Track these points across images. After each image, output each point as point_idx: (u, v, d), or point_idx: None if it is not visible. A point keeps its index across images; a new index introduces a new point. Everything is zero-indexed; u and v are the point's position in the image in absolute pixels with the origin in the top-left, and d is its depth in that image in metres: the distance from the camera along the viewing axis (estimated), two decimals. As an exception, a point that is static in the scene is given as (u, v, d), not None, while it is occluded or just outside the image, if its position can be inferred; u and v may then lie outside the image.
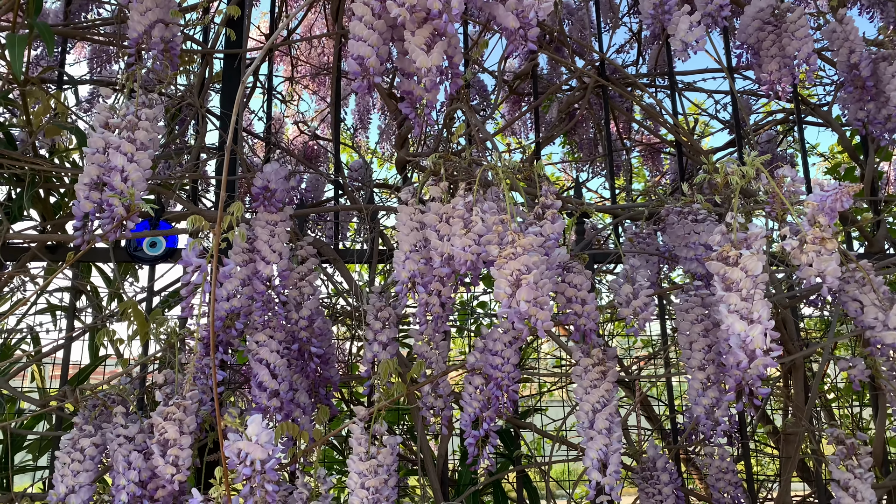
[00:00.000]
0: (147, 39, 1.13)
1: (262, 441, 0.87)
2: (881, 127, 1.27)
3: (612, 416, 0.97)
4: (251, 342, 1.11)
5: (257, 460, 0.87)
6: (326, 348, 1.20)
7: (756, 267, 0.83)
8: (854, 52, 1.26)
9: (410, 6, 0.87)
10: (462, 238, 0.84)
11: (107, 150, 1.00)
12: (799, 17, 1.22)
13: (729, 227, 0.88)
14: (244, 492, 0.88)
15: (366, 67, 0.92)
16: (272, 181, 1.18)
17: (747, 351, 0.82)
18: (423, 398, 1.12)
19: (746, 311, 0.82)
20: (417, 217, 0.94)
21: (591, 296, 1.00)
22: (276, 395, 1.08)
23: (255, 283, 1.13)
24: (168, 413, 1.00)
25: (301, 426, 1.11)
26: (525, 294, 0.77)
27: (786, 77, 1.23)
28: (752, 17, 1.26)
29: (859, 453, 1.05)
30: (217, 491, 0.90)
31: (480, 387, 1.01)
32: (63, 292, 1.50)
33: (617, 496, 0.96)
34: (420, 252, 0.94)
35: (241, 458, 0.88)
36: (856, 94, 1.29)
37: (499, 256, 0.80)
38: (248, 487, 0.88)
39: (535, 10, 0.87)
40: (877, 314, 0.90)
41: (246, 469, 0.87)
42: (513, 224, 0.85)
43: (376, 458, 0.96)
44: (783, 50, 1.23)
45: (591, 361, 0.98)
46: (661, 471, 1.23)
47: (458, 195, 0.89)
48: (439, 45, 0.90)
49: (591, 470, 0.96)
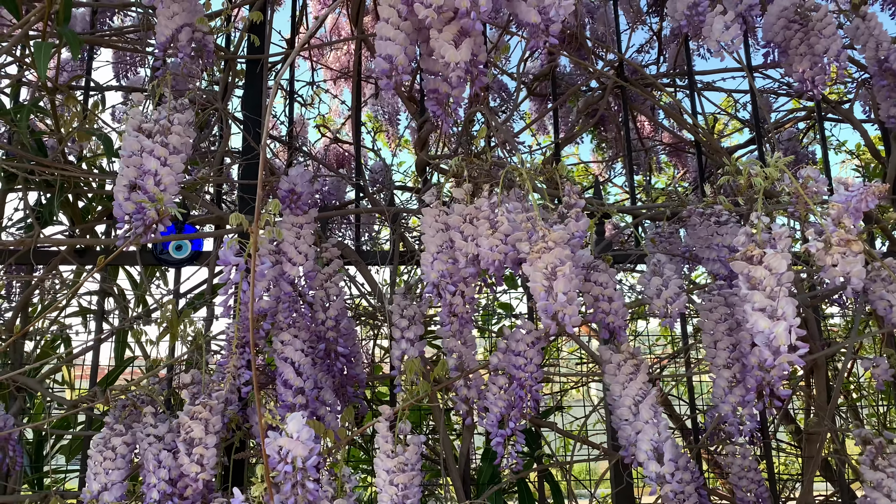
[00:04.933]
0: (175, 43, 1.15)
1: (303, 438, 0.88)
2: (908, 126, 1.26)
3: (656, 407, 0.97)
4: (277, 342, 1.13)
5: (298, 457, 0.88)
6: (352, 347, 1.21)
7: (781, 265, 0.83)
8: (882, 46, 1.25)
9: (437, 7, 0.89)
10: (489, 238, 0.86)
11: (141, 154, 1.02)
12: (825, 16, 1.22)
13: (754, 227, 0.88)
14: (286, 489, 0.88)
15: (394, 66, 0.93)
16: (298, 184, 1.20)
17: (772, 348, 0.82)
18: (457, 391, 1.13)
19: (771, 309, 0.83)
20: (442, 219, 0.95)
21: (618, 293, 1.01)
22: (302, 393, 1.09)
23: (282, 284, 1.15)
24: (194, 412, 1.02)
25: (327, 424, 1.12)
26: (563, 286, 0.78)
27: (818, 75, 1.22)
28: (777, 15, 1.26)
29: (888, 452, 1.05)
30: (258, 489, 0.90)
31: (504, 387, 1.02)
32: (92, 295, 1.52)
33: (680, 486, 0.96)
34: (446, 252, 0.95)
35: (281, 455, 0.88)
36: (887, 89, 1.28)
37: (531, 252, 0.81)
38: (289, 485, 0.88)
39: (556, 7, 0.88)
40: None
41: (287, 466, 0.88)
42: (540, 221, 0.85)
43: (403, 456, 0.97)
44: (812, 48, 1.22)
45: (623, 356, 0.98)
46: (683, 470, 1.23)
47: (483, 196, 0.90)
48: (467, 42, 0.91)
49: (647, 462, 0.96)
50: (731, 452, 1.29)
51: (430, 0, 0.88)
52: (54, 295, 1.42)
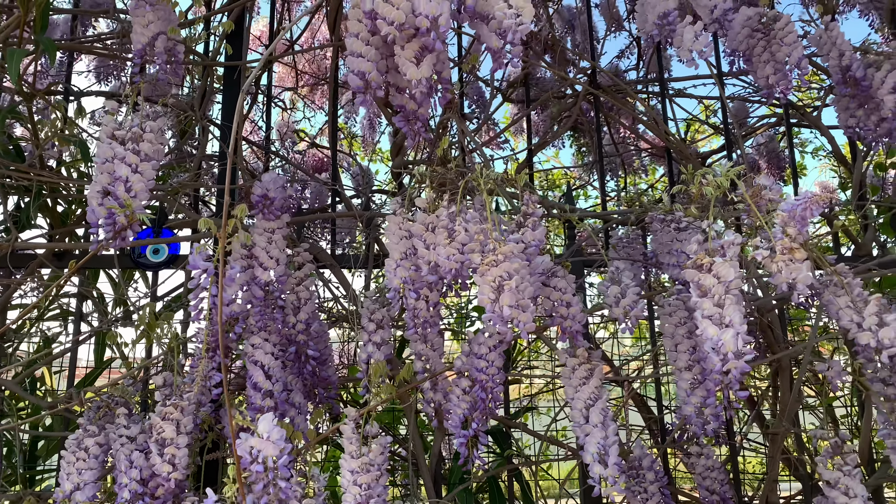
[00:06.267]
0: (150, 51, 1.18)
1: (274, 438, 0.91)
2: (872, 132, 1.29)
3: (606, 410, 1.00)
4: (247, 345, 1.15)
5: (269, 457, 0.90)
6: (323, 350, 1.24)
7: (728, 274, 0.86)
8: (844, 55, 1.28)
9: (399, 24, 0.91)
10: (446, 247, 0.88)
11: (114, 160, 1.05)
12: (786, 24, 1.25)
13: (705, 235, 0.91)
14: (258, 489, 0.91)
15: (367, 82, 0.96)
16: (270, 190, 1.22)
17: (720, 354, 0.85)
18: (424, 393, 1.16)
19: (719, 317, 0.85)
20: (406, 226, 0.97)
21: (576, 299, 1.03)
22: (270, 396, 1.12)
23: (253, 289, 1.17)
24: (166, 413, 1.04)
25: (296, 426, 1.15)
26: (508, 299, 0.81)
27: (783, 81, 1.25)
28: (742, 24, 1.29)
29: (845, 451, 1.08)
30: (230, 489, 0.93)
31: (467, 389, 1.04)
32: (71, 297, 1.54)
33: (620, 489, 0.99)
34: (410, 259, 0.97)
35: (253, 455, 0.91)
36: (847, 99, 1.32)
37: (481, 264, 0.83)
38: (260, 485, 0.91)
39: (512, 31, 0.90)
40: (851, 316, 0.93)
41: (258, 466, 0.91)
42: (494, 232, 0.88)
43: (367, 456, 0.99)
44: (774, 56, 1.25)
45: (578, 361, 1.01)
46: (648, 470, 1.26)
47: (442, 206, 0.92)
48: (428, 59, 0.94)
49: (592, 464, 0.99)
50: (696, 453, 1.32)
51: (392, 17, 0.90)
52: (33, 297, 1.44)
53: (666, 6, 1.11)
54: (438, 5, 0.90)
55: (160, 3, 1.17)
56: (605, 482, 0.95)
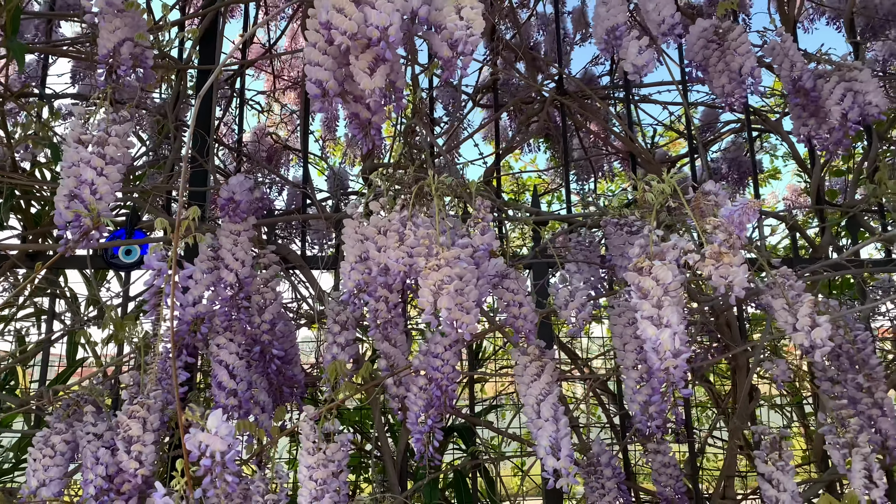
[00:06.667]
0: (117, 56, 1.20)
1: (222, 434, 0.94)
2: (823, 141, 1.33)
3: (556, 406, 1.03)
4: (213, 345, 1.18)
5: (217, 452, 0.93)
6: (288, 349, 1.27)
7: (666, 276, 0.90)
8: (795, 66, 1.32)
9: (352, 34, 0.94)
10: (395, 251, 0.91)
11: (80, 164, 1.07)
12: (739, 35, 1.29)
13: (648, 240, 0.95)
14: (206, 482, 0.94)
15: (325, 90, 0.99)
16: (237, 193, 1.25)
17: (658, 353, 0.89)
18: (388, 389, 1.19)
19: (657, 317, 0.89)
20: (361, 230, 1.01)
21: (528, 299, 1.07)
22: (234, 395, 1.15)
23: (218, 289, 1.20)
24: (132, 411, 1.07)
25: (260, 424, 1.18)
26: (446, 302, 0.85)
27: (737, 90, 1.29)
28: (698, 35, 1.33)
29: (783, 448, 1.12)
30: (179, 483, 0.96)
31: (424, 387, 1.08)
32: (44, 297, 1.57)
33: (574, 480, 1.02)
34: (364, 263, 1.01)
35: (201, 450, 0.94)
36: (800, 108, 1.36)
37: (425, 268, 0.87)
38: (209, 478, 0.94)
39: (463, 42, 0.93)
40: (787, 317, 0.97)
41: (206, 461, 0.94)
42: (441, 237, 0.92)
43: (324, 453, 1.03)
44: (728, 66, 1.29)
45: (529, 358, 1.05)
46: (605, 466, 1.30)
47: (395, 210, 0.96)
48: (381, 69, 0.97)
49: (545, 457, 1.02)
50: (651, 449, 1.36)
51: (345, 28, 0.93)
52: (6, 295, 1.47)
53: (614, 21, 1.15)
54: (389, 16, 0.93)
55: (128, 10, 1.20)
56: (559, 474, 0.99)
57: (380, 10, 0.94)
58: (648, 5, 1.16)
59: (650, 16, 1.16)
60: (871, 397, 1.19)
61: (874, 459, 1.05)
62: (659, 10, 1.15)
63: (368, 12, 0.94)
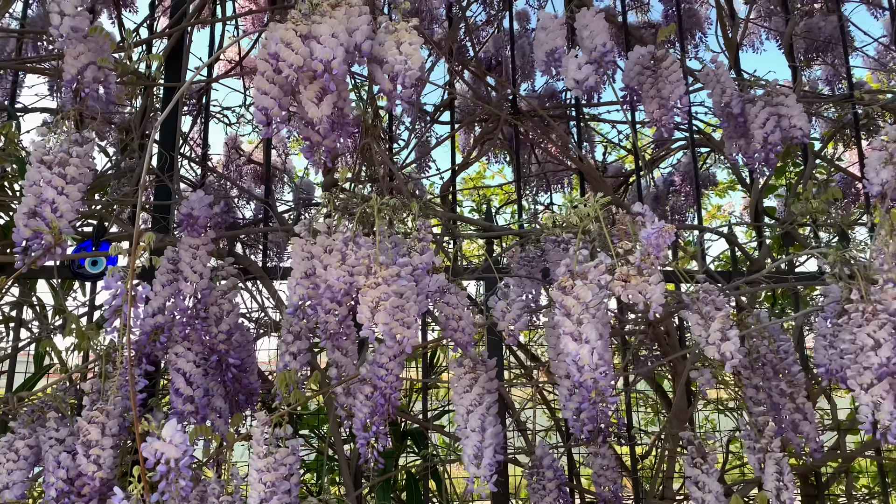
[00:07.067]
0: (82, 80, 1.26)
1: (177, 442, 1.00)
2: (752, 161, 1.42)
3: (485, 416, 1.11)
4: (171, 354, 1.25)
5: (172, 459, 1.00)
6: (245, 359, 1.33)
7: (587, 295, 0.98)
8: (725, 93, 1.41)
9: (298, 67, 1.01)
10: (337, 269, 0.98)
11: (41, 183, 1.13)
12: (672, 63, 1.37)
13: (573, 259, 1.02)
14: (162, 486, 1.01)
15: (269, 117, 1.06)
16: (196, 209, 1.31)
17: (578, 366, 0.96)
18: (337, 398, 1.25)
19: (578, 333, 0.97)
20: (308, 248, 1.07)
21: (467, 313, 1.14)
22: (192, 401, 1.21)
23: (177, 301, 1.27)
24: (92, 417, 1.13)
25: (216, 429, 1.24)
26: (383, 318, 0.92)
27: (666, 116, 1.38)
28: (634, 62, 1.41)
29: (708, 453, 1.20)
30: (136, 488, 1.03)
31: (369, 395, 1.15)
32: (13, 306, 1.62)
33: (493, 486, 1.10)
34: (310, 278, 1.07)
35: (157, 457, 1.01)
36: (731, 129, 1.44)
37: (364, 286, 0.94)
38: (164, 483, 1.01)
39: (403, 76, 1.00)
40: (700, 331, 1.05)
41: (162, 467, 1.00)
42: (381, 257, 0.99)
43: (273, 456, 1.09)
44: (660, 93, 1.38)
45: (464, 370, 1.12)
46: (547, 468, 1.37)
47: (339, 230, 1.02)
48: (327, 99, 1.04)
49: (468, 465, 1.10)
50: (591, 452, 1.43)
51: (291, 61, 1.00)
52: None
53: (553, 44, 1.23)
54: (332, 51, 1.00)
55: (92, 35, 1.26)
56: (479, 480, 1.06)
57: (324, 44, 1.01)
58: (583, 33, 1.24)
59: (584, 42, 1.24)
60: (793, 402, 1.28)
61: (786, 463, 1.14)
62: (592, 38, 1.23)
63: (314, 46, 1.01)
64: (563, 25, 1.24)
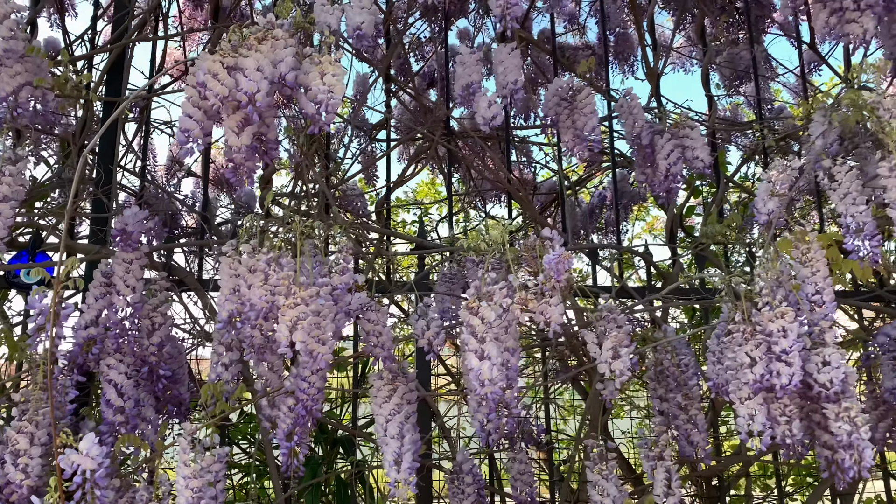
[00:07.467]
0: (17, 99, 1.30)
1: (93, 454, 1.06)
2: (657, 188, 1.53)
3: (402, 425, 1.18)
4: (103, 365, 1.29)
5: (88, 470, 1.05)
6: (176, 370, 1.38)
7: (490, 316, 1.06)
8: (636, 124, 1.52)
9: (223, 97, 1.07)
10: (259, 289, 1.05)
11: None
12: (587, 96, 1.47)
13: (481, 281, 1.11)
14: (77, 496, 1.06)
15: (191, 139, 1.11)
16: (129, 224, 1.36)
17: (479, 381, 1.05)
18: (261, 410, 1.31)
19: (480, 351, 1.05)
20: (234, 266, 1.13)
21: (387, 329, 1.22)
22: (122, 412, 1.26)
23: (109, 314, 1.31)
24: (20, 427, 1.17)
25: (145, 438, 1.29)
26: (299, 336, 0.99)
27: (579, 145, 1.47)
28: (553, 93, 1.51)
29: (608, 459, 1.30)
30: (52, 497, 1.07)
31: (292, 406, 1.21)
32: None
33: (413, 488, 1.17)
34: (237, 295, 1.13)
35: (73, 468, 1.06)
36: (640, 158, 1.55)
37: (283, 305, 1.01)
38: (79, 493, 1.06)
39: (325, 104, 1.08)
40: (595, 350, 1.14)
41: (77, 478, 1.06)
42: (302, 278, 1.06)
43: (199, 464, 1.15)
44: (575, 123, 1.47)
45: (383, 382, 1.20)
46: (467, 473, 1.46)
47: (262, 252, 1.09)
48: (248, 130, 1.11)
49: (389, 469, 1.17)
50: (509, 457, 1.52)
51: (217, 91, 1.06)
52: None
53: (469, 79, 1.32)
54: (257, 84, 1.06)
55: (29, 55, 1.29)
56: (400, 483, 1.14)
57: (249, 77, 1.07)
58: (498, 68, 1.33)
59: (497, 78, 1.33)
60: (686, 414, 1.39)
61: (675, 470, 1.24)
62: (506, 74, 1.32)
63: (239, 78, 1.08)
64: (479, 61, 1.33)
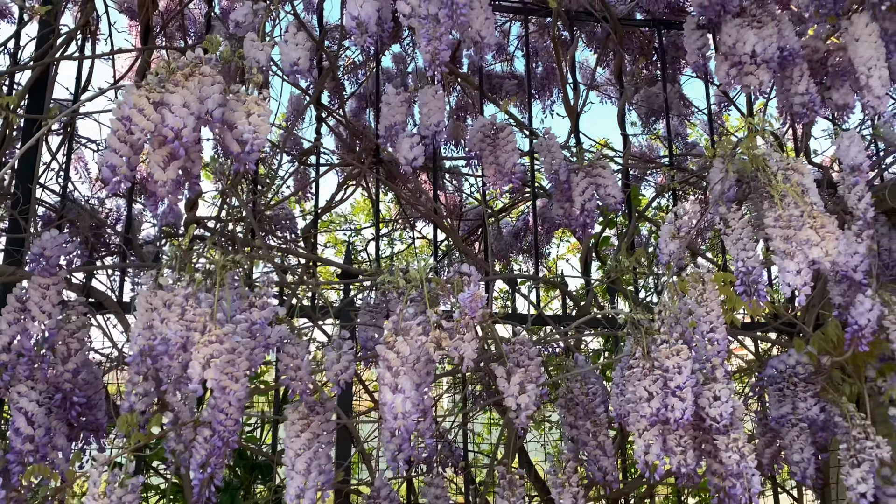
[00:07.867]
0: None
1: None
2: (574, 222, 1.61)
3: (311, 460, 1.21)
4: (13, 392, 1.27)
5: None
6: (92, 396, 1.37)
7: (406, 350, 1.11)
8: (554, 161, 1.60)
9: (149, 132, 1.09)
10: (175, 324, 1.06)
11: None
12: (508, 134, 1.54)
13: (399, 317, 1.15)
14: None
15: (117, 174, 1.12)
16: (48, 248, 1.34)
17: (393, 414, 1.09)
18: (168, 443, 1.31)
19: (394, 385, 1.10)
20: (151, 300, 1.14)
21: (305, 363, 1.24)
22: (31, 440, 1.24)
23: (23, 340, 1.29)
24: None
25: (56, 467, 1.28)
26: (212, 374, 1.01)
27: (500, 180, 1.54)
28: (477, 130, 1.57)
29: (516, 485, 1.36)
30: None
31: (208, 437, 1.22)
32: None
33: None
34: (151, 330, 1.14)
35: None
36: (558, 193, 1.63)
37: (198, 343, 1.02)
38: None
39: (250, 143, 1.10)
40: (504, 384, 1.20)
41: None
42: (219, 314, 1.07)
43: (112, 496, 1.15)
44: (497, 160, 1.54)
45: (298, 415, 1.22)
46: (385, 498, 1.49)
47: (181, 284, 1.10)
48: (174, 164, 1.12)
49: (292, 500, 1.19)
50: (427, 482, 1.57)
51: (143, 126, 1.07)
52: None
53: (392, 120, 1.37)
54: (183, 120, 1.08)
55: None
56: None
57: (175, 113, 1.09)
58: (423, 109, 1.39)
59: (422, 119, 1.39)
60: (595, 440, 1.46)
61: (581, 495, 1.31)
62: (429, 115, 1.38)
63: (165, 114, 1.09)
64: (404, 102, 1.38)
